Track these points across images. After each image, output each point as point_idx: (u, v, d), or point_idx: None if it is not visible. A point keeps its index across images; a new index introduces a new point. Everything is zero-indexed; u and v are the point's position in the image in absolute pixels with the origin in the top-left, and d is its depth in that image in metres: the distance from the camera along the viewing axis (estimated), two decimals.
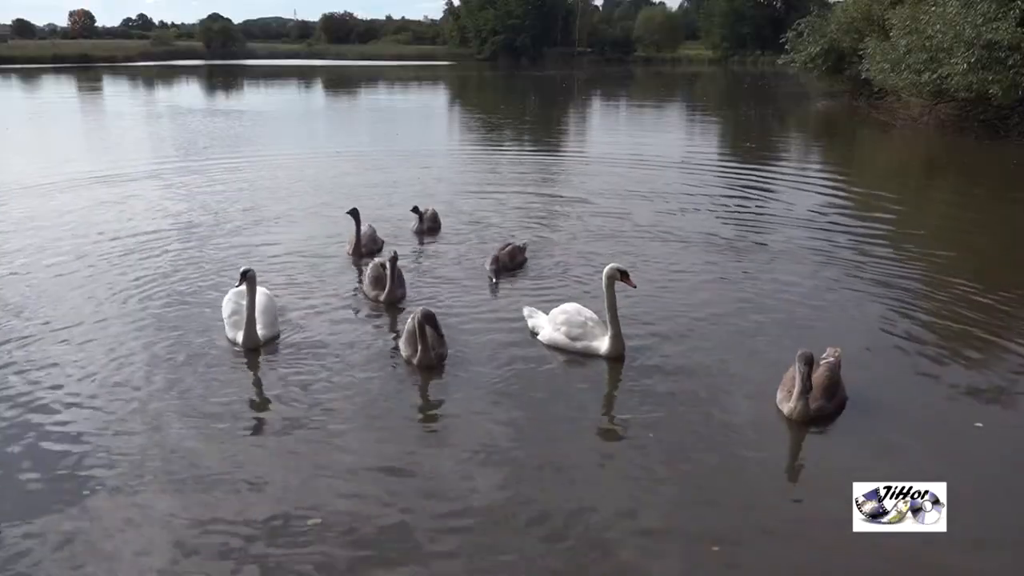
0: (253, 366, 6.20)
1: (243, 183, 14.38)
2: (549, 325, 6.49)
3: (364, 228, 9.22)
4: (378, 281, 7.53)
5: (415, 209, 10.43)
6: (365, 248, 9.08)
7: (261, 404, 5.62)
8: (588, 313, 6.42)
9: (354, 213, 9.03)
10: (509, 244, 8.82)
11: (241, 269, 6.36)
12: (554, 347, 6.40)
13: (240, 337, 6.34)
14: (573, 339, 6.30)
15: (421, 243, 10.10)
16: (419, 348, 5.93)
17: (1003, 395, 5.73)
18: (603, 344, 6.22)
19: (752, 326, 7.04)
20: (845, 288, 8.16)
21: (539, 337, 6.55)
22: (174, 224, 11.04)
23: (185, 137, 22.31)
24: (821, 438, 5.07)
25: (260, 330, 6.41)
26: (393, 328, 7.02)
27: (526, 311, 6.89)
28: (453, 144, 22.41)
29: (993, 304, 7.57)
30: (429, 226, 10.40)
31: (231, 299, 6.68)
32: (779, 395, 5.39)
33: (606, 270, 6.16)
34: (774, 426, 5.21)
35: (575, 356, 6.29)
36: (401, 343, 6.24)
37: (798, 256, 9.42)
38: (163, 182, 14.74)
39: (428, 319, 5.86)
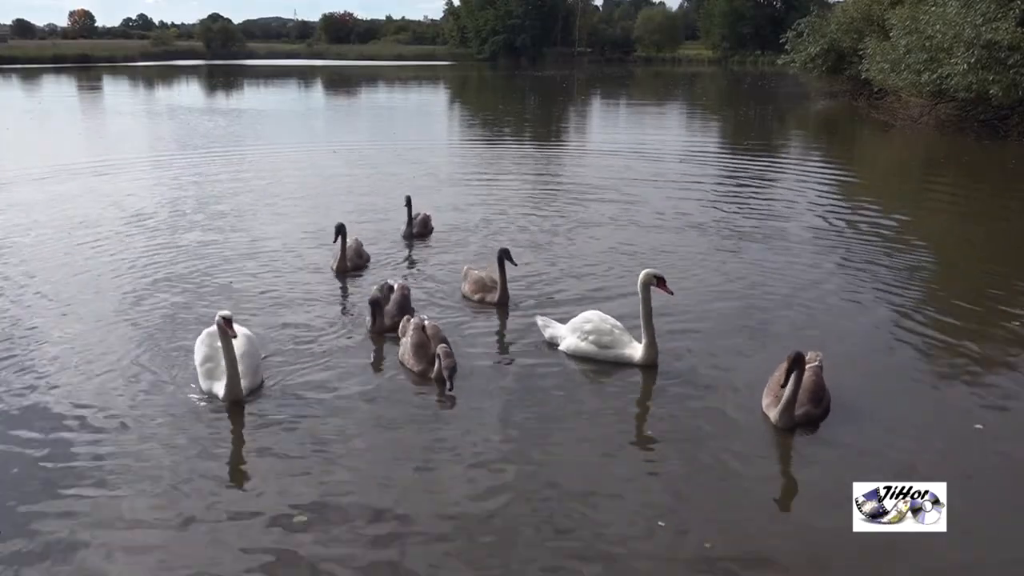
0: (237, 421, 5.31)
1: (233, 181, 14.39)
2: (572, 335, 6.23)
3: (349, 242, 8.61)
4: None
5: (408, 201, 10.00)
6: (351, 263, 8.57)
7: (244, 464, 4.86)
8: (612, 320, 6.22)
9: (340, 229, 8.38)
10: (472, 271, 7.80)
11: (219, 315, 5.34)
12: (579, 357, 6.16)
13: (219, 389, 5.44)
14: (603, 347, 6.09)
15: (410, 249, 9.72)
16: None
17: (1004, 396, 5.71)
18: (636, 352, 6.02)
19: (754, 323, 7.06)
20: (846, 285, 8.16)
21: (561, 347, 6.30)
22: (136, 220, 11.06)
23: (181, 134, 22.36)
24: (821, 439, 5.05)
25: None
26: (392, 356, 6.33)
27: (540, 321, 6.59)
28: (450, 142, 22.42)
29: (994, 304, 7.56)
30: (419, 230, 10.05)
31: (204, 342, 5.69)
32: (765, 401, 5.28)
33: (642, 276, 5.95)
34: (775, 426, 5.20)
35: (598, 364, 6.10)
36: (406, 354, 6.02)
37: (799, 252, 9.44)
38: (148, 177, 14.92)
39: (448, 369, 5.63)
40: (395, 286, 7.06)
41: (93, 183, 14.13)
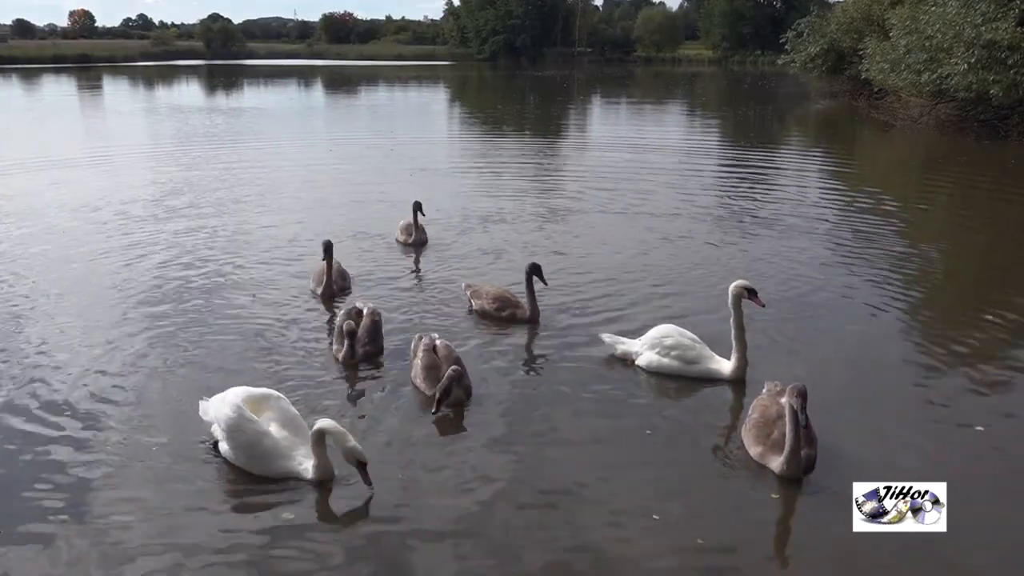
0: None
1: (223, 179, 14.37)
2: (651, 351, 6.01)
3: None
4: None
5: (417, 206, 9.49)
6: (335, 286, 7.72)
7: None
8: (689, 334, 6.03)
9: (327, 248, 7.55)
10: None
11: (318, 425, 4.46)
12: (659, 373, 5.94)
13: (298, 468, 4.58)
14: (689, 363, 5.89)
15: (417, 259, 9.29)
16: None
17: (1004, 396, 5.70)
18: (723, 366, 5.84)
19: (753, 319, 7.00)
20: (846, 285, 8.14)
21: (639, 363, 6.07)
22: (120, 213, 11.25)
23: (178, 132, 22.42)
24: (821, 439, 5.04)
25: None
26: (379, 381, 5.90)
27: (607, 338, 6.30)
28: (450, 141, 22.39)
29: (994, 305, 7.54)
30: (419, 238, 9.62)
31: (239, 419, 4.65)
32: (755, 449, 4.73)
33: (732, 288, 5.75)
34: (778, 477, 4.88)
35: (654, 377, 5.91)
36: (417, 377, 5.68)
37: (797, 252, 9.42)
38: (136, 173, 15.04)
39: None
40: (364, 311, 6.44)
41: (78, 177, 14.53)
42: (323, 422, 4.48)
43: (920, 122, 23.03)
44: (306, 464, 4.56)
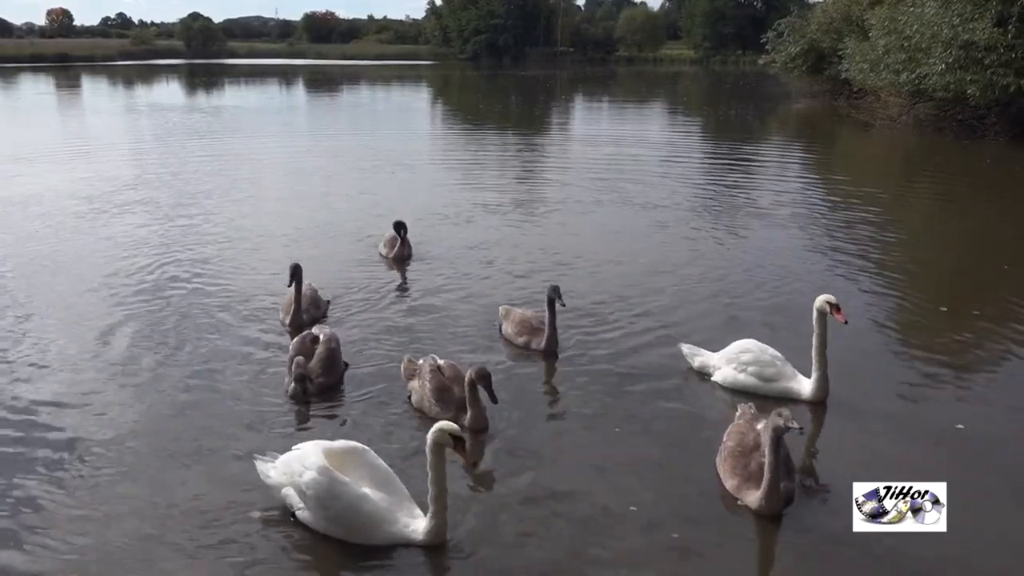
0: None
1: (198, 179, 14.20)
2: (728, 365, 5.81)
3: (304, 288, 7.04)
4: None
5: (399, 226, 8.93)
6: (307, 314, 7.02)
7: None
8: (771, 351, 5.77)
9: (295, 272, 6.84)
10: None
11: (442, 428, 3.92)
12: (735, 389, 5.72)
13: (404, 530, 4.05)
14: (766, 380, 5.65)
15: (404, 278, 8.60)
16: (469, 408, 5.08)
17: (1005, 395, 5.79)
18: (803, 386, 5.57)
19: (753, 318, 7.11)
20: (825, 286, 8.16)
21: (715, 378, 5.89)
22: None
23: (160, 129, 22.19)
24: (820, 439, 5.08)
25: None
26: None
27: (686, 349, 6.12)
28: (432, 142, 22.31)
29: (985, 303, 7.66)
30: (408, 252, 9.09)
31: (331, 484, 4.05)
32: (730, 481, 4.45)
33: (817, 303, 5.42)
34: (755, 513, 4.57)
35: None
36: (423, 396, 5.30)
37: (773, 253, 9.50)
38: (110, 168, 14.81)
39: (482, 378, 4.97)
40: (321, 337, 5.94)
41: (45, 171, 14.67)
42: (443, 425, 3.89)
43: (899, 122, 23.28)
44: (413, 525, 4.04)
